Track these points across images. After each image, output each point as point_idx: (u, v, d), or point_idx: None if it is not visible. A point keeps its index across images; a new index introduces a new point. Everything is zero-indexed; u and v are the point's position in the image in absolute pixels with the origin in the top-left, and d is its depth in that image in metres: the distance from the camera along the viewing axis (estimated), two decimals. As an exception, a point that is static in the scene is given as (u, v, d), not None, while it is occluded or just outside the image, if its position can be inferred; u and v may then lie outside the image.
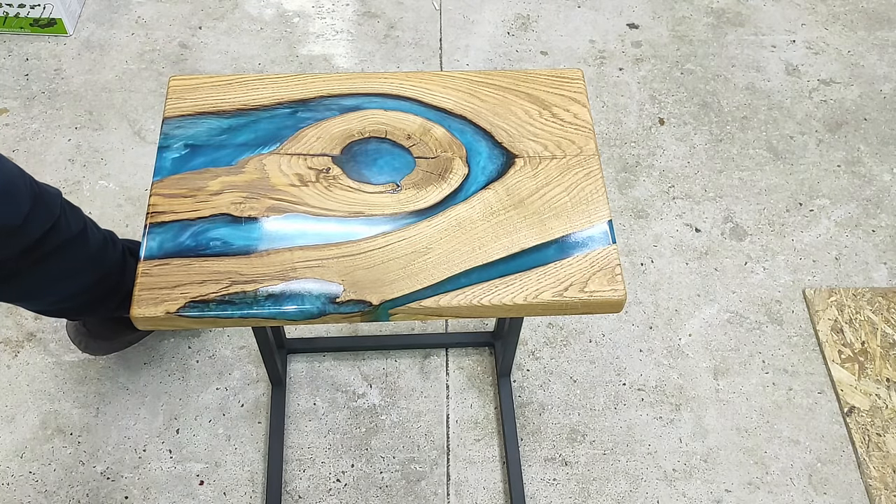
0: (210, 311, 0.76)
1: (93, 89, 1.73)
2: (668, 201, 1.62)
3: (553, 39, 1.88)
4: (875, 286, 1.52)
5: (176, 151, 0.86)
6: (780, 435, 1.35)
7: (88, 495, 1.26)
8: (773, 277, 1.53)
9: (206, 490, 1.27)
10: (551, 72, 0.95)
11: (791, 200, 1.63)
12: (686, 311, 1.48)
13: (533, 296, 0.78)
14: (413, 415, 1.35)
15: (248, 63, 1.79)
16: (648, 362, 1.42)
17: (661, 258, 1.54)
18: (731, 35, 1.90)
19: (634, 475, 1.31)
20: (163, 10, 1.89)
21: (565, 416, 1.36)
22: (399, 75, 0.94)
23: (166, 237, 0.80)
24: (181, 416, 1.33)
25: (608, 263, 0.81)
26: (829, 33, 1.92)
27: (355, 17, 1.90)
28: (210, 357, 1.40)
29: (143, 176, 1.60)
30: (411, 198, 0.84)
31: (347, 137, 0.88)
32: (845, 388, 1.39)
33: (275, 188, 0.84)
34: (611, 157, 1.68)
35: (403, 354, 1.41)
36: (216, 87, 0.92)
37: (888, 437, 1.34)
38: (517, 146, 0.89)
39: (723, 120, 1.75)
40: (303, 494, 1.27)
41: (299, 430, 1.33)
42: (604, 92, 1.78)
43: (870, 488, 1.29)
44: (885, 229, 1.60)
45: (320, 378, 1.38)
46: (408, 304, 0.77)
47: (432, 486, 1.28)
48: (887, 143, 1.73)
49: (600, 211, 0.84)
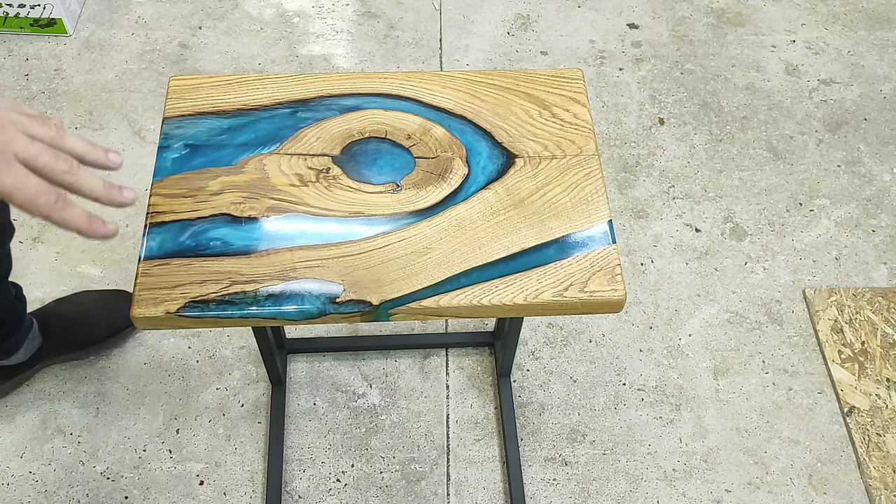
0: (210, 311, 0.76)
1: (93, 89, 1.73)
2: (668, 201, 1.62)
3: (553, 39, 1.88)
4: (875, 286, 1.52)
5: (176, 151, 0.86)
6: (780, 435, 1.35)
7: (88, 495, 1.26)
8: (773, 277, 1.53)
9: (206, 490, 1.27)
10: (551, 72, 0.95)
11: (791, 200, 1.63)
12: (686, 311, 1.48)
13: (533, 296, 0.78)
14: (413, 415, 1.35)
15: (248, 63, 1.79)
16: (648, 362, 1.42)
17: (661, 258, 1.54)
18: (731, 35, 1.90)
19: (634, 475, 1.31)
20: (163, 10, 1.89)
21: (565, 416, 1.36)
22: (399, 75, 0.94)
23: (166, 237, 0.80)
24: (181, 416, 1.33)
25: (608, 263, 0.81)
26: (829, 33, 1.92)
27: (355, 17, 1.90)
28: (210, 357, 1.39)
29: (143, 176, 1.60)
30: (411, 198, 0.84)
31: (347, 137, 0.88)
32: (845, 388, 1.39)
33: (275, 188, 0.84)
34: (611, 157, 1.68)
35: (403, 354, 1.41)
36: (216, 87, 0.92)
37: (888, 437, 1.34)
38: (517, 146, 0.89)
39: (723, 120, 1.75)
40: (303, 494, 1.27)
41: (299, 430, 1.33)
42: (604, 92, 1.78)
43: (870, 488, 1.29)
44: (885, 229, 1.60)
45: (320, 378, 1.38)
46: (408, 304, 0.77)
47: (432, 486, 1.28)
48: (887, 143, 1.73)
49: (600, 211, 0.84)
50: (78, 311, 1.35)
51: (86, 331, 1.34)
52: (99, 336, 1.36)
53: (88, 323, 1.35)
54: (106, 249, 1.50)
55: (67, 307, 1.36)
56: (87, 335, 1.35)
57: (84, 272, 1.47)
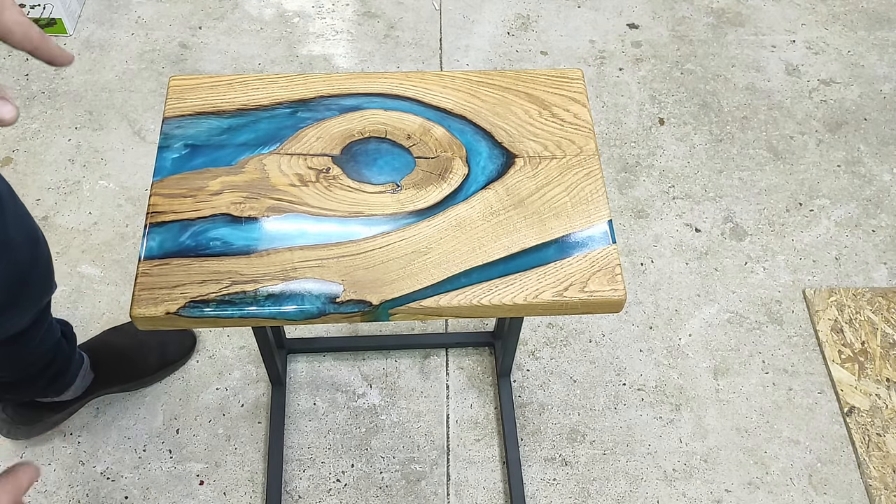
0: (210, 311, 0.76)
1: (93, 89, 1.73)
2: (668, 201, 1.62)
3: (553, 39, 1.88)
4: (875, 286, 1.52)
5: (176, 151, 0.86)
6: (780, 435, 1.35)
7: (88, 495, 1.26)
8: (773, 277, 1.53)
9: (206, 490, 1.27)
10: (551, 72, 0.95)
11: (791, 200, 1.63)
12: (686, 311, 1.48)
13: (533, 296, 0.78)
14: (413, 415, 1.35)
15: (248, 63, 1.79)
16: (648, 362, 1.42)
17: (661, 258, 1.54)
18: (731, 35, 1.90)
19: (634, 475, 1.31)
20: (163, 10, 1.89)
21: (565, 416, 1.36)
22: (399, 75, 0.94)
23: (166, 237, 0.80)
24: (181, 416, 1.33)
25: (608, 263, 0.81)
26: (829, 33, 1.92)
27: (355, 17, 1.90)
28: (210, 357, 1.39)
29: (143, 176, 1.60)
30: (411, 198, 0.84)
31: (347, 137, 0.88)
32: (845, 388, 1.39)
33: (275, 188, 0.84)
34: (611, 157, 1.68)
35: (403, 354, 1.41)
36: (216, 87, 0.92)
37: (888, 437, 1.34)
38: (517, 146, 0.89)
39: (723, 120, 1.75)
40: (303, 494, 1.27)
41: (299, 430, 1.33)
42: (604, 92, 1.78)
43: (870, 488, 1.29)
44: (885, 229, 1.60)
45: (320, 378, 1.38)
46: (408, 304, 0.77)
47: (432, 486, 1.28)
48: (887, 143, 1.73)
49: (600, 211, 0.84)
50: (131, 343, 1.33)
51: (138, 364, 1.32)
52: (151, 369, 1.34)
53: (141, 356, 1.32)
54: (106, 249, 1.50)
55: (120, 338, 1.33)
56: (140, 369, 1.32)
57: (84, 272, 1.47)
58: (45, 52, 0.58)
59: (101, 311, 1.43)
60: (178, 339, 1.37)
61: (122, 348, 1.32)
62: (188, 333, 1.39)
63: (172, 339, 1.36)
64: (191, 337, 1.39)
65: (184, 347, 1.37)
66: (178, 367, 1.37)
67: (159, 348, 1.34)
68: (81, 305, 1.43)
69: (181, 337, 1.38)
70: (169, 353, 1.35)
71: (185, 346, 1.38)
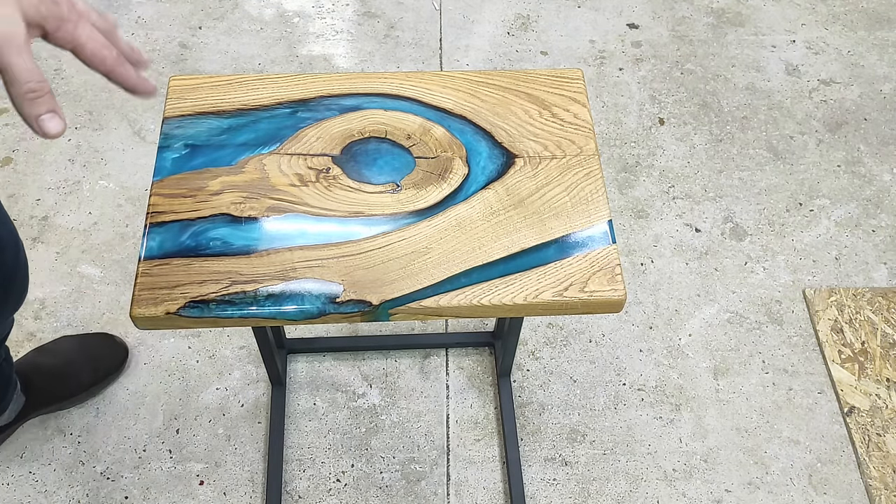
0: (210, 311, 0.76)
1: (93, 89, 1.73)
2: (668, 201, 1.62)
3: (553, 39, 1.88)
4: (875, 286, 1.52)
5: (176, 151, 0.86)
6: (780, 435, 1.35)
7: (88, 495, 1.26)
8: (773, 277, 1.52)
9: (206, 490, 1.27)
10: (551, 72, 0.95)
11: (791, 200, 1.63)
12: (686, 311, 1.48)
13: (533, 296, 0.78)
14: (413, 415, 1.35)
15: (248, 63, 1.79)
16: (648, 362, 1.42)
17: (661, 258, 1.54)
18: (731, 35, 1.90)
19: (634, 475, 1.31)
20: (163, 10, 1.89)
21: (565, 416, 1.36)
22: (399, 75, 0.94)
23: (166, 237, 0.80)
24: (181, 416, 1.33)
25: (608, 263, 0.81)
26: (829, 33, 1.92)
27: (355, 17, 1.90)
28: (210, 357, 1.39)
29: (143, 176, 1.60)
30: (411, 198, 0.84)
31: (347, 137, 0.88)
32: (845, 388, 1.39)
33: (275, 188, 0.84)
34: (611, 157, 1.68)
35: (403, 354, 1.41)
36: (216, 87, 0.92)
37: (888, 437, 1.34)
38: (517, 146, 0.89)
39: (723, 120, 1.75)
40: (303, 494, 1.27)
41: (299, 430, 1.33)
42: (604, 92, 1.78)
43: (870, 488, 1.29)
44: (885, 229, 1.60)
45: (320, 378, 1.38)
46: (408, 304, 0.77)
47: (432, 486, 1.28)
48: (887, 143, 1.73)
49: (600, 211, 0.84)
50: (60, 362, 1.30)
51: (69, 383, 1.29)
52: (84, 386, 1.31)
53: (72, 374, 1.29)
54: (106, 249, 1.50)
55: (48, 359, 1.30)
56: (71, 387, 1.30)
57: (84, 272, 1.47)
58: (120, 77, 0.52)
59: (101, 311, 1.43)
60: (109, 352, 1.34)
61: (50, 368, 1.29)
62: (120, 345, 1.36)
63: (104, 354, 1.33)
64: (122, 348, 1.36)
65: (116, 360, 1.34)
66: (113, 379, 1.35)
67: (90, 363, 1.31)
68: (81, 305, 1.43)
69: (112, 349, 1.35)
70: (101, 367, 1.32)
71: (117, 358, 1.34)
